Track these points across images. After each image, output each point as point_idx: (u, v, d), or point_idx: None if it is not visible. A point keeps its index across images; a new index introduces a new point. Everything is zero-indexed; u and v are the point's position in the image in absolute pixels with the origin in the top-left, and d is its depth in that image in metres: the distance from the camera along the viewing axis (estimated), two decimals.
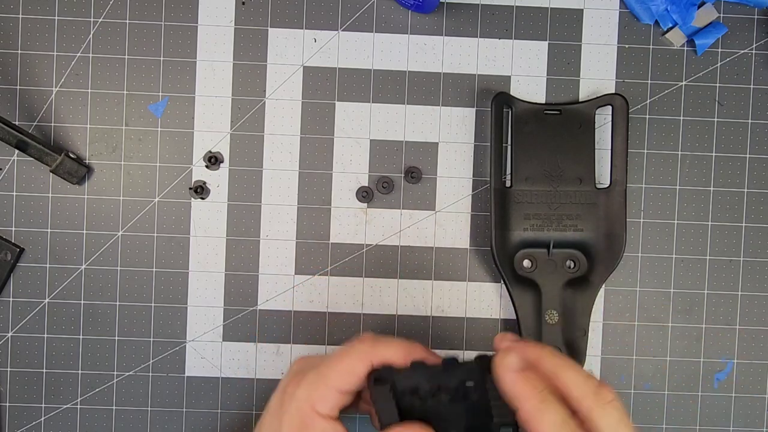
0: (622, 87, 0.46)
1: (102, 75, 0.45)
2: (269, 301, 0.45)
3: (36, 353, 0.45)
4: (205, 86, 0.45)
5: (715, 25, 0.45)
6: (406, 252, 0.46)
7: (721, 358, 0.46)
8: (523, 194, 0.44)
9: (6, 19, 0.45)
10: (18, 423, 0.45)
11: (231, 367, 0.46)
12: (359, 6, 0.45)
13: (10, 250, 0.45)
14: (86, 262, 0.45)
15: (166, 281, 0.45)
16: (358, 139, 0.45)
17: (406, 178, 0.45)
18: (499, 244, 0.44)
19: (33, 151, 0.42)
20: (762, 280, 0.46)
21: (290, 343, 0.46)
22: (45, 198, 0.45)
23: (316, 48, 0.45)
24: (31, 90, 0.45)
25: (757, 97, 0.46)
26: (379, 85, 0.45)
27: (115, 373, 0.45)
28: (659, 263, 0.46)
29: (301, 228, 0.45)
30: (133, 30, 0.45)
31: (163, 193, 0.45)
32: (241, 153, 0.45)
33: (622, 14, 0.46)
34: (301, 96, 0.45)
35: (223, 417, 0.46)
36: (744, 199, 0.46)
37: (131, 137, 0.45)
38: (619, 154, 0.44)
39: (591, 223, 0.44)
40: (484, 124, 0.46)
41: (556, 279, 0.44)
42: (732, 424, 0.46)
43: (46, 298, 0.45)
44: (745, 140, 0.46)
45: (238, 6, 0.45)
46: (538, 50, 0.46)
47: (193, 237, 0.45)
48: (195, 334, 0.45)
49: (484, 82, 0.46)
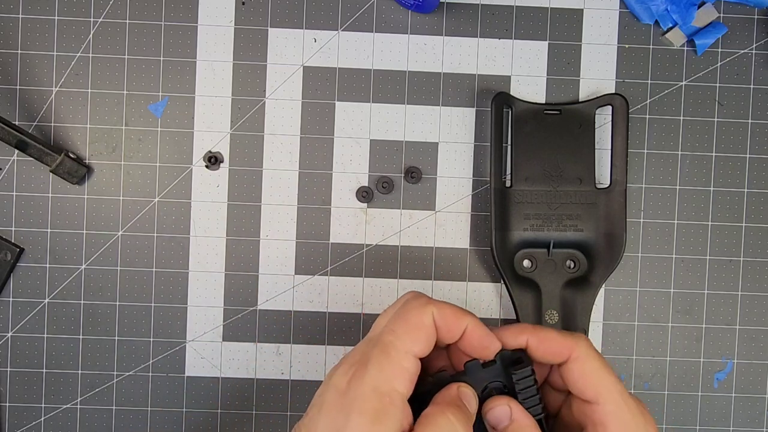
0: (622, 87, 0.46)
1: (102, 75, 0.45)
2: (269, 301, 0.46)
3: (36, 353, 0.45)
4: (205, 86, 0.45)
5: (715, 25, 0.45)
6: (406, 252, 0.46)
7: (721, 358, 0.46)
8: (523, 194, 0.44)
9: (6, 19, 0.45)
10: (18, 423, 0.45)
11: (231, 367, 0.46)
12: (359, 6, 0.45)
13: (10, 250, 0.45)
14: (86, 262, 0.45)
15: (166, 281, 0.45)
16: (358, 139, 0.46)
17: (406, 178, 0.45)
18: (499, 244, 0.44)
19: (33, 151, 0.42)
20: (762, 280, 0.46)
21: (290, 343, 0.46)
22: (45, 198, 0.45)
23: (316, 48, 0.45)
24: (31, 90, 0.45)
25: (757, 97, 0.46)
26: (379, 85, 0.45)
27: (115, 373, 0.45)
28: (659, 263, 0.46)
29: (301, 228, 0.45)
30: (133, 30, 0.45)
31: (163, 193, 0.45)
32: (241, 153, 0.45)
33: (622, 14, 0.46)
34: (301, 96, 0.45)
35: (223, 417, 0.46)
36: (744, 199, 0.46)
37: (131, 137, 0.45)
38: (619, 154, 0.44)
39: (591, 223, 0.44)
40: (484, 124, 0.46)
41: (556, 279, 0.44)
42: (732, 424, 0.46)
43: (46, 298, 0.45)
44: (745, 140, 0.46)
45: (238, 6, 0.45)
46: (538, 50, 0.46)
47: (193, 237, 0.45)
48: (195, 334, 0.45)
49: (484, 82, 0.46)
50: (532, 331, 0.31)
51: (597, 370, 0.30)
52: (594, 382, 0.30)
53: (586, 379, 0.30)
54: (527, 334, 0.31)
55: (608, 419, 0.30)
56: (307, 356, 0.46)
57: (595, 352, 0.31)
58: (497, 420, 0.31)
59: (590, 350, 0.31)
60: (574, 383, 0.31)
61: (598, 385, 0.30)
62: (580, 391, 0.30)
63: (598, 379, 0.30)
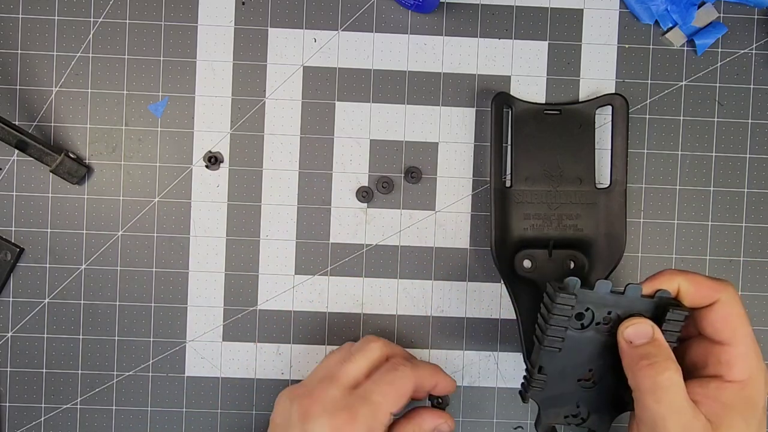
0: (622, 87, 0.46)
1: (102, 75, 0.45)
2: (269, 301, 0.46)
3: (36, 353, 0.45)
4: (205, 86, 0.45)
5: (715, 25, 0.45)
6: (406, 252, 0.46)
7: None
8: (523, 194, 0.44)
9: (6, 19, 0.45)
10: (18, 423, 0.45)
11: (231, 367, 0.46)
12: (359, 6, 0.45)
13: (10, 250, 0.45)
14: (86, 262, 0.45)
15: (166, 281, 0.45)
16: (358, 139, 0.45)
17: (406, 178, 0.45)
18: (499, 244, 0.44)
19: (33, 151, 0.42)
20: (762, 280, 0.46)
21: (290, 343, 0.46)
22: (45, 198, 0.45)
23: (316, 48, 0.45)
24: (31, 90, 0.45)
25: (757, 97, 0.46)
26: (379, 85, 0.45)
27: (115, 373, 0.45)
28: (659, 263, 0.46)
29: (301, 228, 0.45)
30: (133, 30, 0.45)
31: (163, 193, 0.45)
32: (241, 153, 0.45)
33: (622, 14, 0.46)
34: (301, 96, 0.45)
35: (223, 417, 0.46)
36: (744, 199, 0.46)
37: (131, 137, 0.45)
38: (619, 154, 0.44)
39: (591, 223, 0.44)
40: (484, 124, 0.46)
41: (556, 279, 0.44)
42: None
43: (46, 298, 0.45)
44: (745, 140, 0.46)
45: (238, 6, 0.45)
46: (538, 50, 0.46)
47: (193, 237, 0.45)
48: (195, 334, 0.45)
49: (484, 82, 0.46)
50: (684, 275, 0.34)
51: (739, 315, 0.33)
52: (733, 325, 0.33)
53: (727, 322, 0.33)
54: (680, 277, 0.34)
55: (737, 360, 0.33)
56: (307, 356, 0.46)
57: (739, 299, 0.34)
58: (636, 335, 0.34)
59: (736, 296, 0.34)
60: (713, 323, 0.33)
61: (738, 328, 0.33)
62: (717, 331, 0.33)
63: (738, 323, 0.33)
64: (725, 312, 0.33)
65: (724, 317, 0.33)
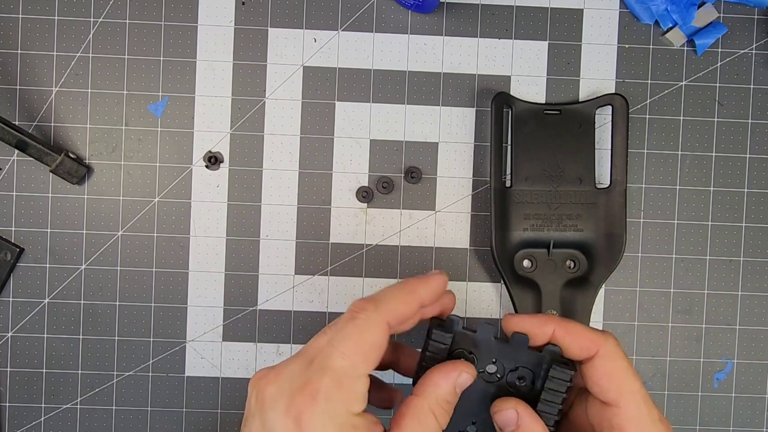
0: (622, 87, 0.46)
1: (102, 75, 0.45)
2: (269, 301, 0.46)
3: (36, 353, 0.45)
4: (205, 86, 0.45)
5: (715, 25, 0.45)
6: (406, 252, 0.46)
7: (721, 358, 0.46)
8: (523, 194, 0.44)
9: (6, 19, 0.45)
10: (18, 423, 0.45)
11: (231, 367, 0.46)
12: (359, 6, 0.45)
13: (10, 250, 0.45)
14: (86, 262, 0.45)
15: (166, 281, 0.45)
16: (358, 139, 0.46)
17: (406, 178, 0.45)
18: (499, 244, 0.44)
19: (33, 151, 0.42)
20: (762, 280, 0.46)
21: (290, 343, 0.46)
22: (45, 198, 0.45)
23: (316, 48, 0.45)
24: (31, 90, 0.45)
25: (757, 97, 0.46)
26: (379, 85, 0.45)
27: (115, 373, 0.45)
28: (659, 263, 0.46)
29: (301, 228, 0.45)
30: (133, 30, 0.45)
31: (163, 193, 0.45)
32: (241, 153, 0.45)
33: (622, 14, 0.46)
34: (301, 96, 0.45)
35: (223, 417, 0.46)
36: (744, 199, 0.46)
37: (131, 137, 0.45)
38: (619, 154, 0.44)
39: (591, 223, 0.44)
40: (484, 124, 0.46)
41: (556, 279, 0.44)
42: (732, 424, 0.46)
43: (46, 298, 0.45)
44: (745, 140, 0.46)
45: (238, 6, 0.45)
46: (538, 50, 0.46)
47: (193, 237, 0.45)
48: (195, 334, 0.45)
49: (484, 82, 0.46)
50: (560, 323, 0.30)
51: (623, 370, 0.29)
52: (618, 382, 0.29)
53: (611, 379, 0.29)
54: (554, 325, 0.30)
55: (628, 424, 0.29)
56: None
57: (622, 351, 0.30)
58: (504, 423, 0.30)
59: (618, 349, 0.30)
60: (597, 381, 0.29)
61: (622, 386, 0.29)
62: (602, 390, 0.29)
63: (623, 380, 0.29)
64: (607, 367, 0.29)
65: (607, 374, 0.29)
